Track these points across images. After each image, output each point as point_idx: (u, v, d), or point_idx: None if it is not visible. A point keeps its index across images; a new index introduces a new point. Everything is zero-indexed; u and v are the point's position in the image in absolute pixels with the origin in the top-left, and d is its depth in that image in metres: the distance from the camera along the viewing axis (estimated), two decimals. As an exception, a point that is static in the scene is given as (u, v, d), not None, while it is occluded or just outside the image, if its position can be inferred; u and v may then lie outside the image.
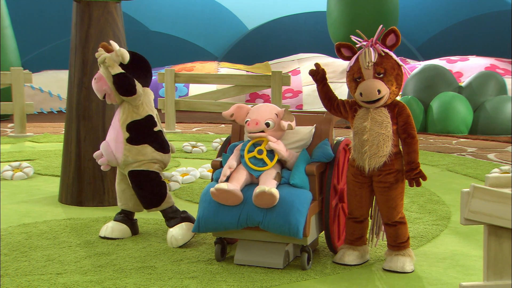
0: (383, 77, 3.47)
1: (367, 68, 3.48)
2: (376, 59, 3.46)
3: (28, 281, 3.43)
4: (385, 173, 3.56)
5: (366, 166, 3.57)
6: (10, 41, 10.32)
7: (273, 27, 14.18)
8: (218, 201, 3.54)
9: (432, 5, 13.77)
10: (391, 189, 3.58)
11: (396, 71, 3.50)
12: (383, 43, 3.51)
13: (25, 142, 8.21)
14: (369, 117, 3.53)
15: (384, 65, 3.47)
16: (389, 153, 3.54)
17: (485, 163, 6.82)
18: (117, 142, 4.09)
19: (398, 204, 3.61)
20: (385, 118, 3.52)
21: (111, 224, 4.18)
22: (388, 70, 3.47)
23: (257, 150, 3.62)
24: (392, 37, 3.50)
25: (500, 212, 2.41)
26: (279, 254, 3.63)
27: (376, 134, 3.52)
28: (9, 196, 5.34)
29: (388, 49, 3.50)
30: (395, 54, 3.52)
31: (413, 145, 3.54)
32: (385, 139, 3.52)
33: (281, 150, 3.61)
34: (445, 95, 8.98)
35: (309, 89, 11.39)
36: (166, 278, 3.47)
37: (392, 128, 3.53)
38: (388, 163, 3.55)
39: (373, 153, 3.54)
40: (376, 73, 3.47)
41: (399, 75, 3.51)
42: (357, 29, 3.87)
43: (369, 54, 3.46)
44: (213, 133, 9.13)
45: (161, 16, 13.82)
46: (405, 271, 3.60)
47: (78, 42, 5.04)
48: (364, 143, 3.55)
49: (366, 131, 3.53)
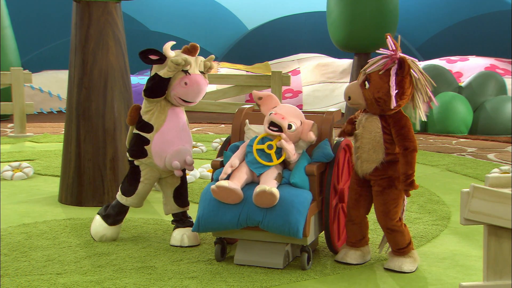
0: (366, 90, 3.51)
1: (362, 72, 3.55)
2: (371, 71, 3.47)
3: (28, 281, 3.43)
4: (379, 178, 3.60)
5: (358, 171, 3.63)
6: (10, 41, 10.31)
7: (273, 27, 14.18)
8: (218, 198, 3.54)
9: (432, 5, 13.77)
10: (383, 194, 3.59)
11: (379, 94, 3.45)
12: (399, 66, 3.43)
13: (25, 142, 8.21)
14: (361, 125, 3.59)
15: (371, 81, 3.48)
16: (380, 160, 3.56)
17: (485, 163, 6.82)
18: (190, 144, 4.10)
19: (391, 211, 3.60)
20: (375, 127, 3.55)
21: (110, 233, 4.10)
22: (371, 88, 3.48)
23: (267, 145, 3.61)
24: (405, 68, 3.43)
25: (500, 212, 2.41)
26: (279, 254, 3.63)
27: (366, 141, 3.57)
28: (9, 196, 5.34)
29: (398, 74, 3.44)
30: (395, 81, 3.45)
31: (407, 157, 3.50)
32: (375, 147, 3.55)
33: (291, 152, 3.62)
34: (445, 95, 8.98)
35: (309, 89, 11.38)
36: (166, 278, 3.47)
37: (384, 137, 3.54)
38: (380, 169, 3.57)
39: (364, 159, 3.59)
40: (363, 82, 3.52)
41: (380, 99, 3.47)
42: (357, 29, 3.89)
43: (373, 63, 3.49)
44: (213, 133, 9.13)
45: (161, 16, 13.82)
46: (403, 270, 3.60)
47: (78, 42, 5.04)
48: (356, 150, 3.62)
49: (358, 138, 3.61)
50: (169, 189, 4.13)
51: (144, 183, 4.08)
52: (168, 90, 3.96)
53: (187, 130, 4.11)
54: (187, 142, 4.06)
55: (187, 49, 3.96)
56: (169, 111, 4.03)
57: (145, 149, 4.01)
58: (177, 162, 3.97)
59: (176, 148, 3.99)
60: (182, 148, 4.00)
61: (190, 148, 4.08)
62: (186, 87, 3.93)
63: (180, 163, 3.98)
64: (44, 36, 12.79)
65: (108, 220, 4.10)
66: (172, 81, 3.94)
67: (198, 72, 3.98)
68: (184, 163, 3.99)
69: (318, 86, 11.40)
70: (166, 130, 4.01)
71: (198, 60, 3.99)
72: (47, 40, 12.83)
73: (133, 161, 4.08)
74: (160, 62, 3.94)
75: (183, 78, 3.92)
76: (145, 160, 4.04)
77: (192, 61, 3.95)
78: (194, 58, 3.97)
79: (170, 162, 3.97)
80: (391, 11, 9.60)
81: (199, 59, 4.00)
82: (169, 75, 3.91)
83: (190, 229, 4.03)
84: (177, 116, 4.06)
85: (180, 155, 3.98)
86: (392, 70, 3.43)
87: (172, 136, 4.01)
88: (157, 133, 4.00)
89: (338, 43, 9.85)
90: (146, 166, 4.06)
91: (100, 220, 4.11)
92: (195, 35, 13.94)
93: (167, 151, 3.99)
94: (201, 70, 4.00)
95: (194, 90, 3.94)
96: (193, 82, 3.93)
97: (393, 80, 3.43)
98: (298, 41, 13.88)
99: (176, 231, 4.07)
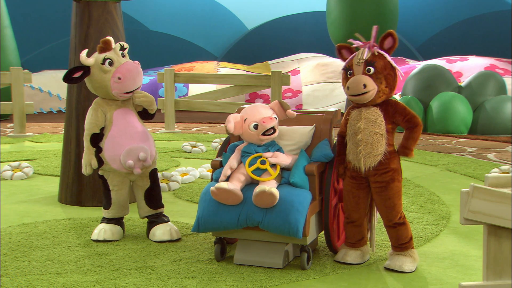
0: (372, 74, 3.50)
1: (357, 64, 3.52)
2: (368, 57, 3.50)
3: (27, 281, 3.43)
4: (381, 172, 3.58)
5: (362, 166, 3.59)
6: (10, 41, 10.31)
7: (273, 27, 14.19)
8: (218, 200, 3.54)
9: (432, 5, 13.77)
10: (387, 189, 3.59)
11: (387, 71, 3.52)
12: (381, 46, 3.54)
13: (24, 142, 8.21)
14: (362, 117, 3.57)
15: (375, 63, 3.49)
16: (383, 151, 3.56)
17: (485, 163, 6.82)
18: (149, 141, 4.11)
19: (396, 204, 3.61)
20: (378, 117, 3.55)
21: (108, 227, 4.13)
22: (378, 68, 3.50)
23: (260, 161, 3.61)
24: (389, 40, 3.53)
25: (499, 212, 2.41)
26: (278, 254, 3.63)
27: (370, 133, 3.55)
28: (8, 196, 5.34)
29: (384, 51, 3.53)
30: (392, 56, 3.55)
31: (415, 132, 3.57)
32: (379, 138, 3.54)
33: (283, 161, 3.63)
34: (444, 95, 8.98)
35: (309, 89, 11.39)
36: (166, 278, 3.47)
37: (386, 127, 3.55)
38: (383, 162, 3.56)
39: (367, 152, 3.56)
40: (366, 70, 3.51)
41: (390, 75, 3.52)
42: (357, 29, 3.90)
43: (362, 52, 3.52)
44: (212, 133, 9.13)
45: (161, 16, 13.82)
46: (403, 270, 3.59)
47: (77, 42, 5.04)
48: (358, 143, 3.58)
49: (360, 131, 3.57)
50: (139, 191, 4.17)
51: (115, 190, 4.13)
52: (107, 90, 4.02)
53: (139, 128, 4.11)
54: (140, 140, 4.08)
55: (102, 47, 4.01)
56: (114, 115, 4.07)
57: (100, 157, 4.07)
58: (130, 161, 4.01)
59: (127, 147, 4.02)
60: (133, 146, 4.03)
61: (148, 144, 4.10)
62: (121, 81, 3.99)
63: (134, 161, 4.01)
64: (44, 36, 12.79)
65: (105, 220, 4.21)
66: (106, 83, 3.99)
67: (123, 60, 4.02)
68: (138, 161, 4.02)
69: (317, 86, 11.40)
70: (114, 134, 4.05)
71: (117, 51, 4.02)
72: (47, 40, 12.83)
73: (99, 171, 4.15)
74: (87, 74, 4.02)
75: (114, 75, 3.98)
76: (104, 167, 4.10)
77: (112, 56, 3.99)
78: (113, 52, 4.01)
79: (124, 162, 4.02)
80: (391, 11, 9.61)
81: (117, 47, 4.02)
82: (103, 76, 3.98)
83: (171, 224, 4.14)
84: (124, 117, 4.09)
85: (132, 153, 4.02)
86: (380, 50, 3.53)
87: (122, 138, 4.05)
88: (106, 139, 4.06)
89: (338, 43, 9.85)
90: (109, 173, 4.11)
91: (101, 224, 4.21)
92: (195, 35, 13.94)
93: (120, 153, 4.03)
94: (122, 55, 4.03)
95: (130, 78, 4.00)
96: (125, 71, 3.99)
97: (388, 56, 3.52)
98: (298, 41, 13.88)
99: (157, 227, 4.10)
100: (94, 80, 4.03)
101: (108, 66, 3.98)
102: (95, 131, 4.06)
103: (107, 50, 4.01)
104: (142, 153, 4.02)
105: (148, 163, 4.07)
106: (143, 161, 4.03)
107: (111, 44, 4.02)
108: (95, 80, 4.03)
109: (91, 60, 3.99)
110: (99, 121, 4.06)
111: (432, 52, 12.81)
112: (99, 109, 4.08)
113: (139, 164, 4.03)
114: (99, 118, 4.06)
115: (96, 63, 3.99)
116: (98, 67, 3.99)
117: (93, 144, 4.07)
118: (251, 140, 3.66)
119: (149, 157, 4.06)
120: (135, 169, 4.03)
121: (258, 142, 3.64)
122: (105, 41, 4.02)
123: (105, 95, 4.07)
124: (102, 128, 4.07)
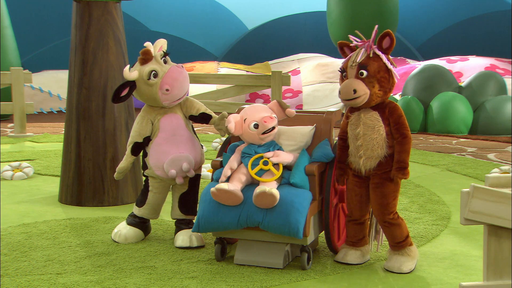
0: (364, 78, 3.48)
1: (351, 67, 3.51)
2: (362, 60, 3.47)
3: (28, 281, 3.43)
4: (381, 172, 3.58)
5: (362, 169, 3.60)
6: (10, 41, 10.32)
7: (273, 27, 14.18)
8: (218, 201, 3.54)
9: (432, 5, 13.77)
10: (383, 186, 3.58)
11: (381, 74, 3.48)
12: (379, 45, 3.52)
13: (25, 142, 8.21)
14: (361, 122, 3.56)
15: (368, 66, 3.47)
16: (384, 154, 3.56)
17: (485, 163, 6.82)
18: (195, 149, 4.09)
19: (389, 203, 3.60)
20: (376, 122, 3.54)
21: (125, 231, 4.09)
22: (371, 72, 3.47)
23: (263, 162, 3.61)
24: (387, 40, 3.51)
25: (500, 212, 2.41)
26: (279, 254, 3.63)
27: (369, 139, 3.54)
28: (9, 196, 5.34)
29: (382, 52, 3.50)
30: (389, 57, 3.52)
31: (405, 145, 3.54)
32: (378, 143, 3.54)
33: (285, 159, 3.63)
34: (445, 95, 8.98)
35: (309, 89, 11.38)
36: (166, 278, 3.47)
37: (385, 130, 3.54)
38: (383, 163, 3.56)
39: (368, 156, 3.57)
40: (359, 73, 3.49)
41: (384, 78, 3.49)
42: (357, 29, 3.89)
43: (357, 54, 3.50)
44: (213, 133, 9.12)
45: (161, 16, 13.81)
46: (402, 271, 3.59)
47: (78, 42, 5.04)
48: (358, 148, 3.58)
49: (359, 137, 3.56)
50: (176, 193, 4.14)
51: (153, 192, 4.10)
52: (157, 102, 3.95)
53: (185, 135, 4.07)
54: (185, 148, 4.03)
55: (143, 59, 3.92)
56: (161, 121, 4.02)
57: (145, 161, 4.06)
58: (173, 170, 3.97)
59: (170, 156, 3.98)
60: (177, 155, 3.99)
61: (192, 152, 4.05)
62: (170, 92, 3.93)
63: (176, 171, 3.98)
64: (44, 36, 12.79)
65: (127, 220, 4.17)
66: (154, 96, 3.93)
67: (166, 68, 3.94)
68: (181, 171, 3.99)
69: (318, 86, 11.40)
70: (159, 141, 4.02)
71: (158, 59, 3.95)
72: (47, 40, 12.83)
73: (144, 172, 4.14)
74: (134, 89, 3.95)
75: (161, 87, 3.91)
76: (147, 172, 4.08)
77: (155, 67, 3.92)
78: (154, 61, 3.93)
79: (167, 171, 3.98)
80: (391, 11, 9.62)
81: (157, 56, 3.95)
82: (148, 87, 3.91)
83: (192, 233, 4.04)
84: (171, 123, 4.04)
85: (175, 163, 3.98)
86: (377, 51, 3.50)
87: (167, 145, 4.01)
88: (152, 145, 4.02)
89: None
90: (152, 177, 4.09)
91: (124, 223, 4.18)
92: (195, 35, 13.94)
93: (163, 161, 4.00)
94: (164, 61, 3.95)
95: (179, 87, 3.94)
96: (171, 81, 3.92)
97: (384, 57, 3.49)
98: (298, 41, 13.88)
99: (181, 232, 4.05)
100: (142, 93, 3.95)
101: (154, 79, 3.90)
102: (137, 140, 4.02)
103: (148, 61, 3.92)
104: (185, 164, 3.96)
105: (192, 174, 4.03)
106: (186, 172, 4.00)
107: (151, 54, 3.93)
108: (143, 94, 3.95)
109: (134, 74, 3.90)
110: (143, 131, 4.01)
111: (432, 52, 12.81)
112: (147, 117, 4.02)
113: (182, 174, 4.00)
114: (143, 127, 4.01)
115: (141, 77, 3.90)
116: (144, 82, 3.90)
117: (134, 153, 4.05)
118: (251, 140, 3.66)
119: (193, 166, 4.02)
120: (177, 178, 4.00)
121: (258, 141, 3.64)
122: (145, 52, 3.92)
123: (154, 104, 4.01)
124: (146, 137, 4.02)
